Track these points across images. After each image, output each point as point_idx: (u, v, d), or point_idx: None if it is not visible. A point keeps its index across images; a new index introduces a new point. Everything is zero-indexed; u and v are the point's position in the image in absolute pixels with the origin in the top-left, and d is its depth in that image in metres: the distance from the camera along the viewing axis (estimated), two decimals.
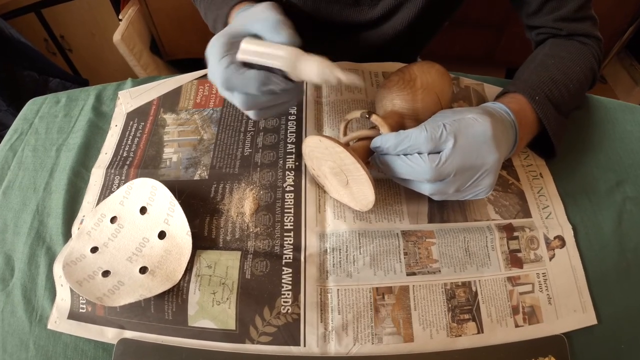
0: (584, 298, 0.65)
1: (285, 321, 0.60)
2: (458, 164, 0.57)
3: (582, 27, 0.82)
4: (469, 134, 0.57)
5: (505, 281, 0.64)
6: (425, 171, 0.57)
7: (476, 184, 0.60)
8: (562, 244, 0.68)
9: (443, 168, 0.57)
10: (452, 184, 0.59)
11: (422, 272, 0.64)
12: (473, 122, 0.58)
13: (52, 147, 0.81)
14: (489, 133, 0.58)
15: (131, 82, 0.91)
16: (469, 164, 0.57)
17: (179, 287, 0.62)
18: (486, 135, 0.58)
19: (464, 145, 0.57)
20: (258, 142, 0.77)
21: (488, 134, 0.58)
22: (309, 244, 0.66)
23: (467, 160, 0.57)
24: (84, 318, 0.63)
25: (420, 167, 0.57)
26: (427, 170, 0.57)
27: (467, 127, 0.58)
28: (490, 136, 0.58)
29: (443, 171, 0.57)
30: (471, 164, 0.58)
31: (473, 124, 0.58)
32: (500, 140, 0.59)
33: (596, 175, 0.77)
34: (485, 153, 0.58)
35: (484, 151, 0.58)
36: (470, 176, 0.59)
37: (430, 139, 0.57)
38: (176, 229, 0.66)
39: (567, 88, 0.73)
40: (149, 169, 0.75)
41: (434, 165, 0.56)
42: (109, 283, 0.62)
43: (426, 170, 0.57)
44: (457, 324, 0.61)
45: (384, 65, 0.89)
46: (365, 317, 0.61)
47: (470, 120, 0.58)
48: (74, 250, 0.65)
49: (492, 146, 0.58)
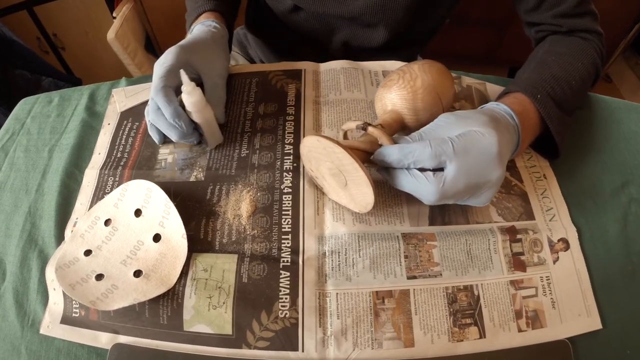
0: (588, 302, 0.65)
1: (283, 326, 0.60)
2: (462, 185, 0.58)
3: (582, 22, 0.83)
4: (475, 152, 0.58)
5: (508, 285, 0.64)
6: (429, 192, 0.58)
7: (477, 196, 0.61)
8: (566, 246, 0.68)
9: (447, 190, 0.58)
10: (453, 198, 0.60)
11: (423, 275, 0.64)
12: (479, 137, 0.58)
13: (45, 148, 0.81)
14: (495, 150, 0.58)
15: (125, 81, 0.91)
16: (472, 182, 0.58)
17: (174, 291, 0.62)
18: (492, 152, 0.58)
19: (469, 166, 0.57)
20: (255, 142, 0.77)
21: (494, 151, 0.58)
22: (307, 246, 0.66)
23: (471, 180, 0.58)
24: (77, 323, 0.63)
25: (425, 188, 0.58)
26: (432, 191, 0.58)
27: (472, 144, 0.58)
28: (495, 153, 0.58)
29: (447, 193, 0.58)
30: (475, 183, 0.58)
31: (479, 140, 0.58)
32: (505, 154, 0.60)
33: (601, 177, 0.77)
34: (490, 171, 0.58)
35: (489, 169, 0.58)
36: (472, 192, 0.60)
37: (435, 155, 0.57)
38: (171, 231, 0.66)
39: (570, 85, 0.73)
40: (144, 170, 0.75)
41: (439, 187, 0.57)
42: (102, 287, 0.62)
43: (431, 191, 0.58)
44: (459, 328, 0.61)
45: (383, 64, 0.89)
46: (365, 321, 0.61)
47: (477, 136, 0.58)
48: (67, 253, 0.65)
49: (496, 163, 0.58)
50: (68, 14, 1.95)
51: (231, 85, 0.86)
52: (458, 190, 0.58)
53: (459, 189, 0.58)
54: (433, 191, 0.58)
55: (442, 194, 0.58)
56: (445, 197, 0.59)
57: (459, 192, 0.58)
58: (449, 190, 0.58)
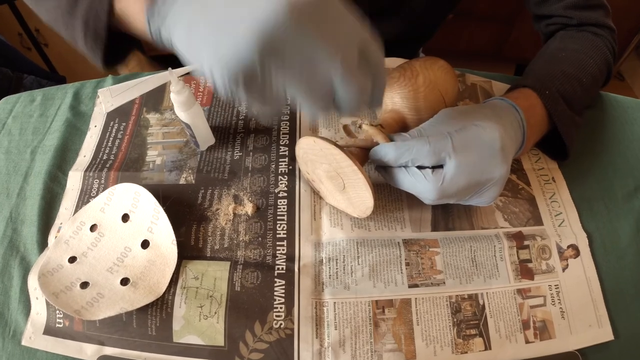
0: (599, 312, 0.65)
1: (277, 337, 0.61)
2: (463, 183, 0.57)
3: (593, 15, 0.83)
4: (476, 148, 0.57)
5: (515, 294, 0.65)
6: (428, 190, 0.58)
7: (479, 195, 0.61)
8: (576, 253, 0.68)
9: (447, 188, 0.57)
10: (454, 197, 0.60)
11: (425, 284, 0.64)
12: (480, 132, 0.58)
13: (27, 149, 0.81)
14: (497, 145, 0.58)
15: (112, 79, 0.91)
16: (474, 180, 0.58)
17: (163, 300, 0.63)
18: (494, 147, 0.58)
19: (470, 162, 0.57)
20: (249, 144, 0.78)
21: (496, 146, 0.58)
22: (304, 253, 0.67)
23: (473, 177, 0.58)
24: (61, 333, 0.63)
25: (423, 186, 0.58)
26: (431, 189, 0.58)
27: (473, 140, 0.58)
28: (498, 149, 0.58)
29: (447, 191, 0.58)
30: (477, 180, 0.58)
31: (480, 134, 0.58)
32: (509, 150, 0.60)
33: (613, 180, 0.77)
34: (493, 167, 0.58)
35: (491, 166, 0.58)
36: (474, 190, 0.59)
37: (433, 152, 0.57)
38: (160, 237, 0.66)
39: (580, 82, 0.73)
40: (130, 172, 0.75)
41: (438, 185, 0.57)
42: (87, 295, 0.62)
43: (429, 189, 0.58)
44: (463, 339, 0.61)
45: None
46: (364, 332, 0.61)
47: (478, 130, 0.58)
48: (50, 260, 0.65)
49: (500, 159, 0.58)
50: None
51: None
52: (459, 188, 0.58)
53: (459, 186, 0.57)
54: (432, 189, 0.58)
55: (441, 192, 0.57)
56: (446, 196, 0.58)
57: (460, 191, 0.58)
58: (449, 189, 0.57)
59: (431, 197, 0.58)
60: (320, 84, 0.43)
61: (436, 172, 0.58)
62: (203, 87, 0.87)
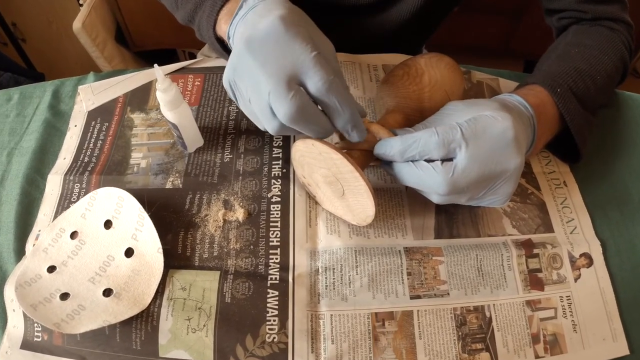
0: (614, 325, 0.65)
1: (270, 351, 0.61)
2: (475, 175, 0.56)
3: (609, 9, 0.83)
4: (488, 137, 0.57)
5: (524, 305, 0.65)
6: (437, 183, 0.57)
7: (493, 192, 0.59)
8: (589, 262, 0.68)
9: (458, 180, 0.56)
10: (466, 194, 0.58)
11: (428, 295, 0.64)
12: (492, 121, 0.57)
13: (3, 152, 0.81)
14: (511, 134, 0.57)
15: (93, 76, 0.91)
16: (487, 172, 0.57)
17: (148, 312, 0.63)
18: (507, 137, 0.57)
19: (483, 152, 0.56)
20: (239, 145, 0.78)
21: (509, 135, 0.57)
22: (298, 262, 0.67)
23: (486, 169, 0.57)
24: (40, 348, 0.63)
25: (432, 179, 0.57)
26: (440, 182, 0.56)
27: (485, 129, 0.57)
28: (512, 138, 0.57)
29: (458, 184, 0.56)
30: (490, 173, 0.57)
31: (492, 123, 0.57)
32: (522, 141, 0.59)
33: (628, 184, 0.78)
34: (506, 158, 0.57)
35: (505, 156, 0.57)
36: (488, 184, 0.58)
37: (442, 144, 0.56)
38: (145, 245, 0.67)
39: (594, 80, 0.73)
40: (114, 175, 0.75)
41: (448, 176, 0.56)
42: (68, 307, 0.62)
43: (439, 182, 0.57)
44: (469, 354, 0.62)
45: (384, 57, 0.90)
46: (363, 346, 0.61)
47: (489, 120, 0.57)
48: (28, 269, 0.65)
49: (514, 150, 0.57)
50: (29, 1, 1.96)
51: (211, 82, 0.87)
52: (471, 181, 0.56)
53: (471, 179, 0.56)
54: (442, 182, 0.56)
55: (452, 184, 0.56)
56: (457, 190, 0.57)
57: (471, 184, 0.56)
58: (461, 181, 0.56)
59: (441, 190, 0.57)
60: (262, 103, 0.56)
61: (446, 164, 0.57)
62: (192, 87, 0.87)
